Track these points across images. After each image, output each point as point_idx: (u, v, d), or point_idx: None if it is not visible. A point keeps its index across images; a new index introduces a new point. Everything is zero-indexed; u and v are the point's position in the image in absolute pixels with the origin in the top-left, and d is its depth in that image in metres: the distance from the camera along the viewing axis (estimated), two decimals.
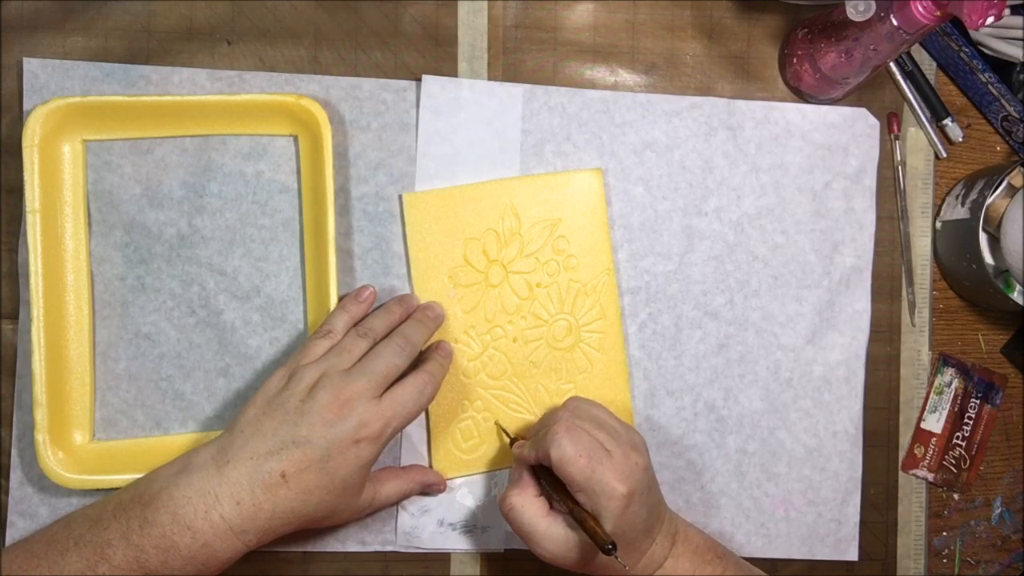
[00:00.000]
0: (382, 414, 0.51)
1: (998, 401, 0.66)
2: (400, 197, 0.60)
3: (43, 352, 0.55)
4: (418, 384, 0.53)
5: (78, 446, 0.57)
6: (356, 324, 0.55)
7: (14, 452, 0.58)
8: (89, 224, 0.58)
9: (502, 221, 0.60)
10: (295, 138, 0.60)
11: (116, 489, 0.52)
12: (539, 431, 0.54)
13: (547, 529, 0.51)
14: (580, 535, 0.51)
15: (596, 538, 0.48)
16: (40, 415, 0.55)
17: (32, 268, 0.55)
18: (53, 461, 0.55)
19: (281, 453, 0.49)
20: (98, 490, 0.56)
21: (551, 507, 0.53)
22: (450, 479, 0.60)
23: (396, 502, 0.57)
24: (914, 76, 0.64)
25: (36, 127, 0.55)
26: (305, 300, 0.60)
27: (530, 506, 0.52)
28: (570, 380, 0.61)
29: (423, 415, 0.60)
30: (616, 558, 0.48)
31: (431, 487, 0.59)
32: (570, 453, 0.50)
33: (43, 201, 0.56)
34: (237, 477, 0.48)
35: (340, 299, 0.57)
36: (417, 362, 0.57)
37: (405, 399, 0.52)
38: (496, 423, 0.60)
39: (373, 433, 0.50)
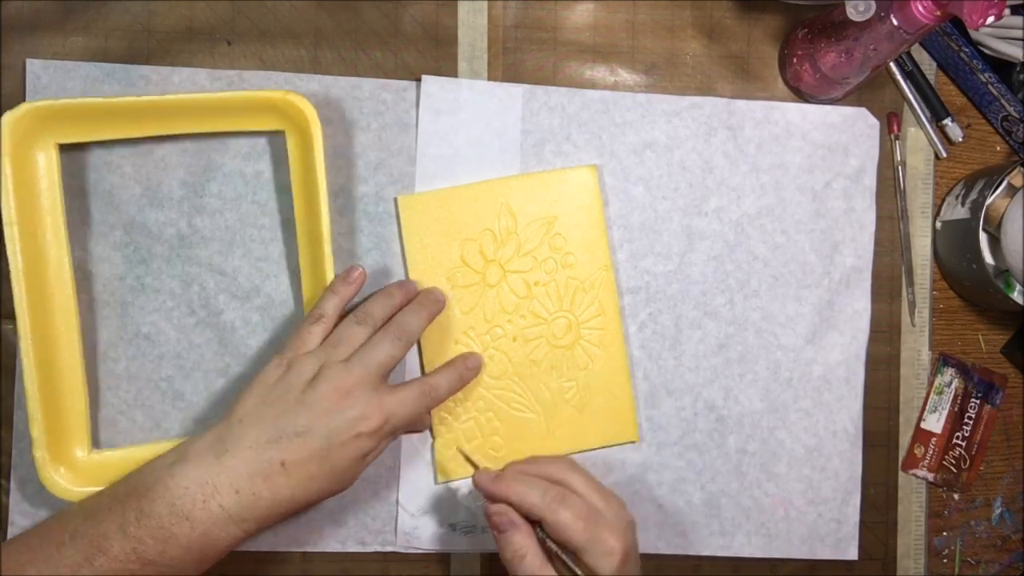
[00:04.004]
0: (382, 408, 0.51)
1: (998, 401, 0.66)
2: (395, 200, 0.60)
3: (34, 368, 0.54)
4: (421, 388, 0.54)
5: (78, 459, 0.57)
6: (354, 309, 0.55)
7: (14, 452, 0.58)
8: (69, 230, 0.57)
9: (498, 221, 0.60)
10: (283, 134, 0.59)
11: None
12: (511, 479, 0.53)
13: None
14: None
15: None
16: (37, 431, 0.54)
17: (15, 282, 0.54)
18: (54, 476, 0.55)
19: (281, 442, 0.49)
20: None
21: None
22: (453, 481, 0.60)
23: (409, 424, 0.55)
24: (914, 76, 0.64)
25: (6, 135, 0.54)
26: (302, 299, 0.59)
27: (538, 558, 0.51)
28: (571, 377, 0.61)
29: None
30: None
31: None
32: (568, 519, 0.50)
33: (20, 212, 0.54)
34: (236, 466, 0.48)
35: (331, 282, 0.57)
36: (444, 365, 0.58)
37: (406, 399, 0.53)
38: (459, 450, 0.59)
39: (372, 427, 0.51)
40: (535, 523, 0.52)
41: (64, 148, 0.57)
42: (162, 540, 0.47)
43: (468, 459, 0.58)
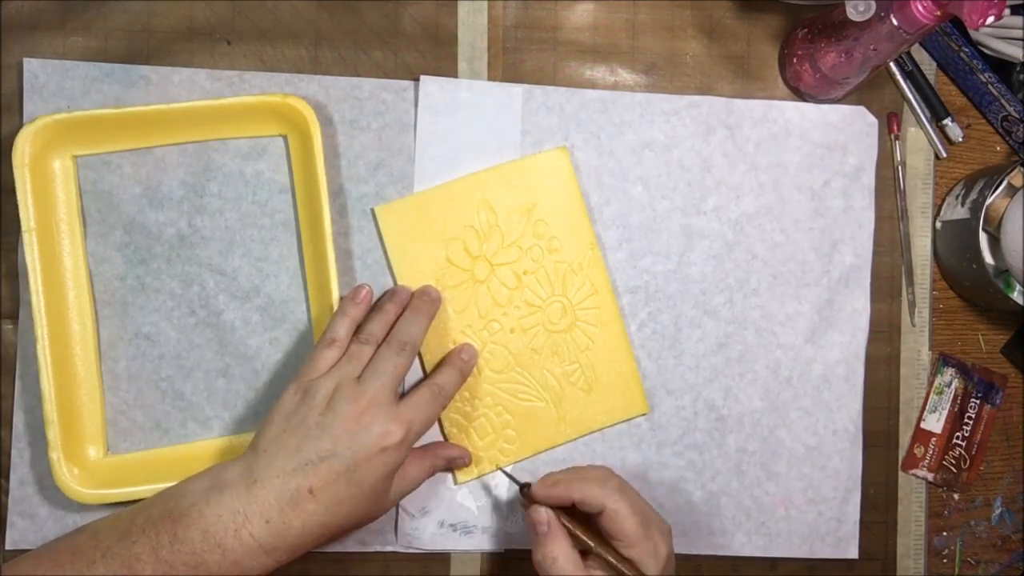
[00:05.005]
0: (402, 419, 0.51)
1: (998, 401, 0.66)
2: (372, 211, 0.60)
3: (50, 371, 0.55)
4: (430, 390, 0.54)
5: (93, 461, 0.57)
6: (357, 328, 0.55)
7: (14, 452, 0.58)
8: (85, 238, 0.58)
9: (478, 216, 0.60)
10: (285, 138, 0.59)
11: (134, 502, 0.52)
12: (570, 479, 0.54)
13: None
14: None
15: None
16: (52, 434, 0.55)
17: (33, 288, 0.55)
18: (69, 478, 0.55)
19: (307, 469, 0.49)
20: (113, 503, 0.56)
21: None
22: (469, 482, 0.61)
23: (421, 482, 0.56)
24: (914, 76, 0.64)
25: (25, 146, 0.55)
26: (307, 299, 0.60)
27: (569, 561, 0.52)
28: (574, 360, 0.61)
29: (437, 423, 0.60)
30: None
31: (455, 461, 0.59)
32: (626, 510, 0.51)
33: (38, 220, 0.55)
34: (265, 496, 0.48)
35: (340, 304, 0.57)
36: (439, 363, 0.59)
37: (420, 403, 0.53)
38: (500, 469, 0.60)
39: (396, 440, 0.51)
40: (580, 526, 0.53)
41: None
42: (193, 567, 0.47)
43: (510, 477, 0.58)
